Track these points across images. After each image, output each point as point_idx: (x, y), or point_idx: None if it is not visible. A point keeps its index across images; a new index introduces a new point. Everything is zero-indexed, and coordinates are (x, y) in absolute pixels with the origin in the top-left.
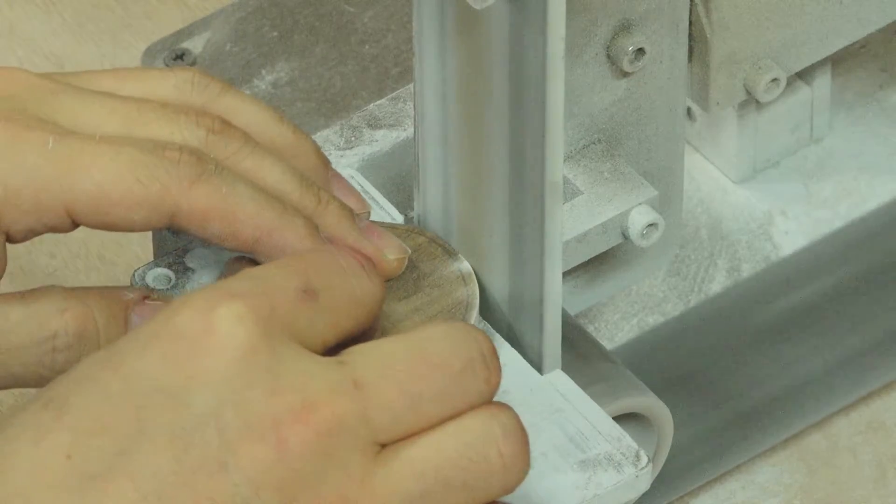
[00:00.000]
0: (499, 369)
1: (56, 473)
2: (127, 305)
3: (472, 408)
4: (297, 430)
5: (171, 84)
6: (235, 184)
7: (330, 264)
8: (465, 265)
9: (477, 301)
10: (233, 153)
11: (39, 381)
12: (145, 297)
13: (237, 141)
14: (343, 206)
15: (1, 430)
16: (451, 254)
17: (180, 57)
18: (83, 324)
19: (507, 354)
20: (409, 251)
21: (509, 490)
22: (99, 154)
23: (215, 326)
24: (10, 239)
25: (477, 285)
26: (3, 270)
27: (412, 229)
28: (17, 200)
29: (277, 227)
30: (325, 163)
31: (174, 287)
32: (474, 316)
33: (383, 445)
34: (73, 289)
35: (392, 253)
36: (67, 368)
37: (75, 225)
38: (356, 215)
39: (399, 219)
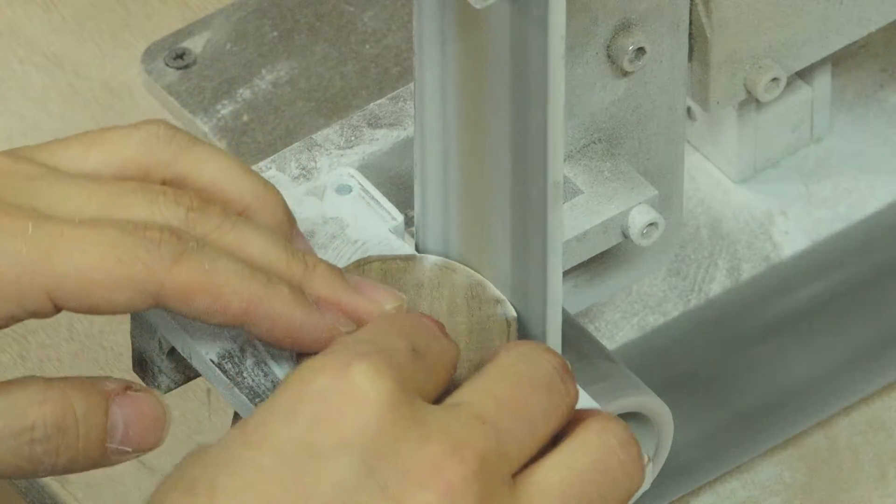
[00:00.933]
0: (574, 379)
1: None
2: (108, 396)
3: (563, 421)
4: (456, 471)
5: (135, 142)
6: (218, 259)
7: (423, 326)
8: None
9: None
10: (214, 229)
11: (16, 471)
12: (127, 388)
13: (217, 216)
14: (330, 267)
15: None
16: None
17: (180, 56)
18: (62, 415)
19: None
20: (404, 297)
21: (632, 495)
22: (79, 238)
23: (357, 385)
24: None
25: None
26: None
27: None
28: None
29: (264, 296)
30: (291, 219)
31: None
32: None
33: (515, 475)
34: (53, 379)
35: (389, 302)
36: (46, 460)
37: (57, 310)
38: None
39: (399, 218)
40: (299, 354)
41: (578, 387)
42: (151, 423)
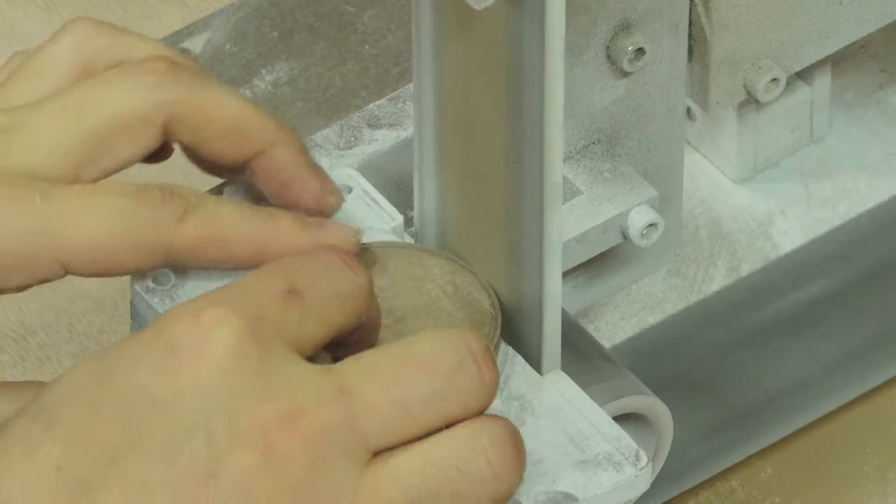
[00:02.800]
0: (492, 367)
1: (47, 485)
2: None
3: (469, 410)
4: (284, 436)
5: (66, 48)
6: (219, 208)
7: (311, 264)
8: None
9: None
10: (187, 87)
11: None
12: None
13: (188, 76)
14: (298, 137)
15: None
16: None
17: None
18: None
19: (507, 354)
20: (345, 197)
21: (501, 499)
22: (87, 207)
23: (205, 335)
24: (2, 292)
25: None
26: None
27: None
28: (10, 261)
29: (271, 235)
30: None
31: (175, 287)
32: (499, 326)
33: (377, 454)
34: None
35: (334, 195)
36: None
37: (67, 273)
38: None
39: (399, 219)
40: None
41: (577, 387)
42: None
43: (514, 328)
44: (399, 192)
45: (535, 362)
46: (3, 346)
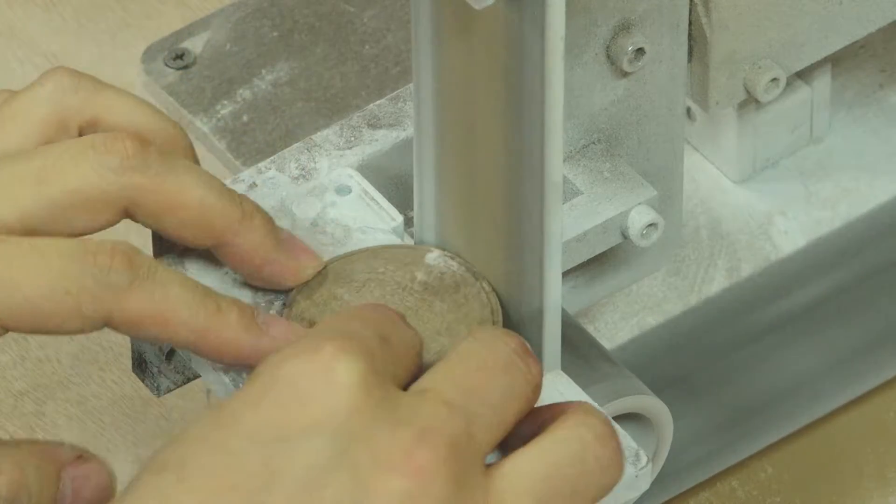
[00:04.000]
0: (535, 359)
1: None
2: (61, 465)
3: (529, 401)
4: (427, 456)
5: (44, 100)
6: (168, 286)
7: (386, 315)
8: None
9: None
10: (153, 176)
11: None
12: (78, 457)
13: (154, 161)
14: (266, 217)
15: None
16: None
17: (180, 57)
18: (17, 488)
19: None
20: (323, 260)
21: (607, 490)
22: (28, 267)
23: (328, 367)
24: None
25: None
26: None
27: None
28: None
29: (213, 327)
30: (196, 159)
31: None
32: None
33: (487, 466)
34: (7, 444)
35: (310, 266)
36: None
37: (7, 331)
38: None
39: (399, 219)
40: None
41: (577, 387)
42: (98, 493)
43: (514, 328)
44: (399, 192)
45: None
46: (3, 346)
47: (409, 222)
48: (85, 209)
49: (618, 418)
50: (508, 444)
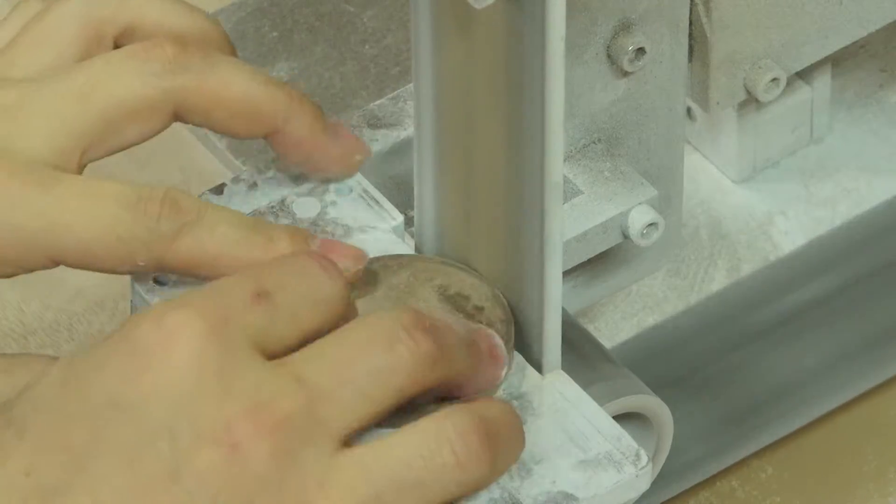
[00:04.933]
0: (425, 336)
1: (17, 491)
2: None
3: (416, 379)
4: (247, 430)
5: (75, 15)
6: (216, 228)
7: (285, 267)
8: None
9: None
10: (196, 75)
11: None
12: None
13: (196, 61)
14: (313, 104)
15: None
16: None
17: None
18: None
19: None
20: (370, 149)
21: (468, 489)
22: (83, 211)
23: (167, 337)
24: None
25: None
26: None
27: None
28: (1, 255)
29: (264, 259)
30: (234, 51)
31: (175, 285)
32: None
33: (346, 444)
34: (53, 359)
35: (359, 152)
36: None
37: (57, 265)
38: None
39: (399, 219)
40: None
41: (578, 387)
42: None
43: (514, 328)
44: (399, 192)
45: (536, 362)
46: (3, 346)
47: (409, 222)
48: (134, 119)
49: (618, 418)
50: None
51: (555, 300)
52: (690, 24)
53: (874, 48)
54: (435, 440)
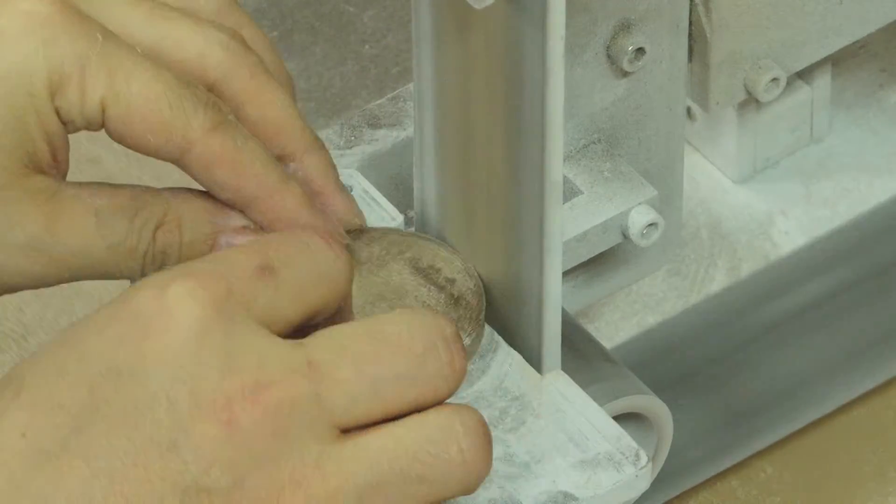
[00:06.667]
0: (462, 353)
1: (11, 451)
2: (220, 230)
3: (437, 396)
4: (247, 408)
5: None
6: (248, 139)
7: (291, 242)
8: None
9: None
10: (253, 65)
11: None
12: (243, 227)
13: (254, 58)
14: (328, 157)
15: None
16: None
17: None
18: (177, 243)
19: (507, 354)
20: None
21: (469, 488)
22: (141, 66)
23: (169, 305)
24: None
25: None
26: (67, 161)
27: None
28: (68, 86)
29: (279, 190)
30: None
31: None
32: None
33: (345, 432)
34: (163, 191)
35: (355, 216)
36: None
37: (101, 127)
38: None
39: (399, 219)
40: None
41: (577, 387)
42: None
43: (514, 328)
44: (399, 192)
45: (535, 362)
46: (3, 346)
47: (409, 222)
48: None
49: (618, 418)
50: None
51: (555, 300)
52: (690, 24)
53: (874, 48)
54: (444, 435)
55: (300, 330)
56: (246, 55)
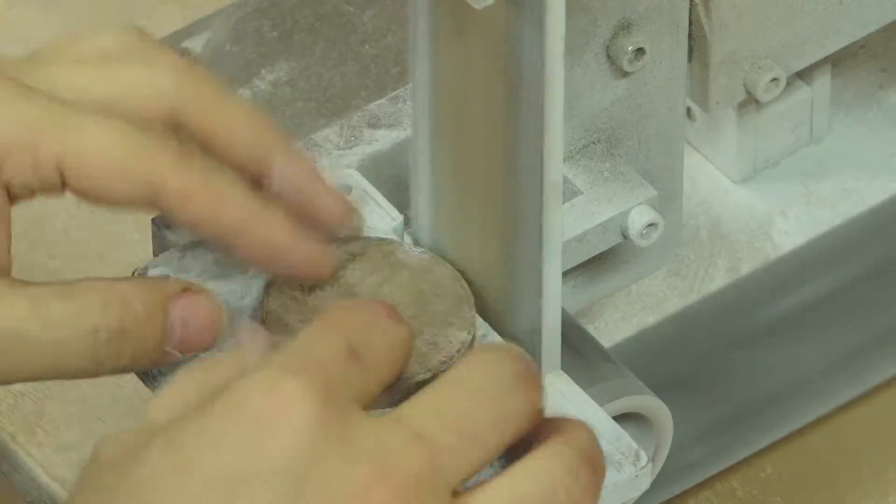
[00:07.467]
0: (537, 385)
1: None
2: (167, 297)
3: (525, 426)
4: (382, 492)
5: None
6: (218, 168)
7: (364, 320)
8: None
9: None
10: (212, 93)
11: (78, 373)
12: (185, 289)
13: (205, 72)
14: (307, 157)
15: None
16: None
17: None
18: (124, 319)
19: None
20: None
21: None
22: (92, 119)
23: (286, 408)
24: (11, 195)
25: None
26: (10, 238)
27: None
28: (17, 154)
29: (260, 216)
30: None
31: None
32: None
33: (455, 493)
34: (114, 280)
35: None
36: (108, 362)
37: (64, 189)
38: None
39: (399, 219)
40: None
41: (577, 387)
42: (207, 323)
43: (513, 328)
44: (399, 192)
45: (535, 362)
46: None
47: (408, 222)
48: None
49: (618, 418)
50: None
51: (555, 300)
52: (690, 24)
53: (874, 48)
54: (550, 481)
55: None
56: (196, 70)
